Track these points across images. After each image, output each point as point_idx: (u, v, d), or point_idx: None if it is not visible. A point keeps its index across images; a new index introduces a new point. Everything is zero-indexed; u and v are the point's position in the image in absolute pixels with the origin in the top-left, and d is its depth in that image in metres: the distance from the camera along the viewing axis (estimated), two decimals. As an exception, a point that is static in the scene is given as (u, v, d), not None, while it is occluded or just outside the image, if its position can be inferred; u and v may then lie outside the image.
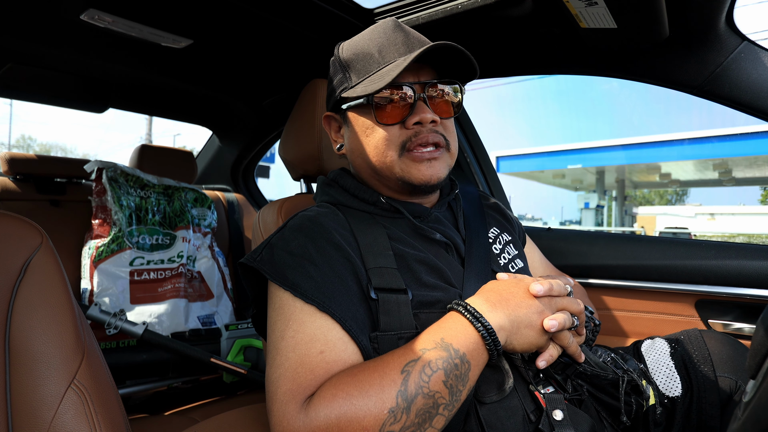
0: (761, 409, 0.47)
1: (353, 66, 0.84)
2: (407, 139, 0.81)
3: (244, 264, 0.77)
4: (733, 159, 12.88)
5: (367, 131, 0.84)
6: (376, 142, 0.82)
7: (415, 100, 0.81)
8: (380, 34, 0.84)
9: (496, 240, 0.95)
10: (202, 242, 1.84)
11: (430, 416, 0.60)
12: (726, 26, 1.06)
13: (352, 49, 0.86)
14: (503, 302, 0.69)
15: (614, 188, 18.86)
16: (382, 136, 0.82)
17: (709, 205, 23.78)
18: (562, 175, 16.73)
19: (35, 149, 41.64)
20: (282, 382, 0.65)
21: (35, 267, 0.60)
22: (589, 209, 16.33)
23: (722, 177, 16.16)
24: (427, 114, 0.80)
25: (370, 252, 0.77)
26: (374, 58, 0.82)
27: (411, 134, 0.81)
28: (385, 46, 0.83)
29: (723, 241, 1.36)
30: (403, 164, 0.82)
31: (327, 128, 0.95)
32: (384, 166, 0.83)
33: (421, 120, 0.80)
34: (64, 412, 0.55)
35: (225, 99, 2.02)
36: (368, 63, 0.83)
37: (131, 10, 1.22)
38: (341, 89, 0.86)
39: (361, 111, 0.84)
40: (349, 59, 0.85)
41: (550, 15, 1.14)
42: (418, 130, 0.81)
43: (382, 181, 0.87)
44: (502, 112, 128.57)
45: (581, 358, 0.76)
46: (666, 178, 17.66)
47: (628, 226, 18.68)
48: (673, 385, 0.88)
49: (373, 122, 0.82)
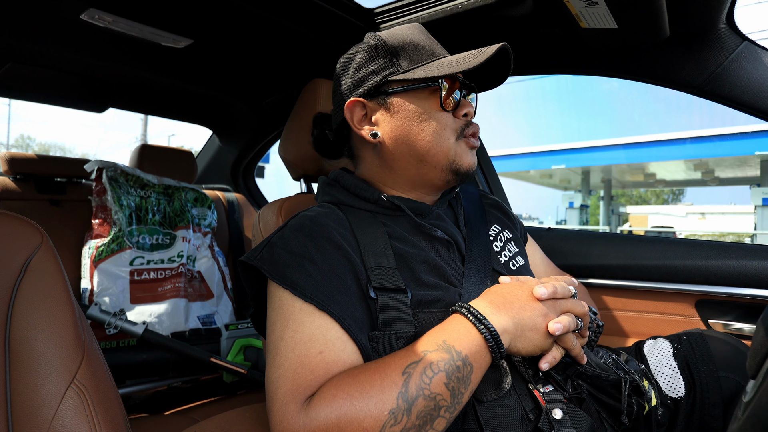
0: (761, 409, 0.47)
1: (403, 52, 0.85)
2: (464, 126, 0.86)
3: (244, 262, 0.77)
4: (713, 159, 13.09)
5: (423, 116, 0.84)
6: (435, 127, 0.84)
7: (461, 94, 0.86)
8: (417, 32, 0.88)
9: (496, 238, 0.95)
10: (202, 242, 1.84)
11: (431, 418, 0.60)
12: (726, 26, 1.06)
13: (398, 37, 0.87)
14: (507, 305, 0.69)
15: (601, 188, 19.06)
16: (442, 121, 0.85)
17: (700, 205, 23.95)
18: (549, 175, 16.92)
19: (34, 149, 41.66)
20: (282, 383, 0.64)
21: (35, 267, 0.60)
22: (573, 208, 16.49)
23: (705, 177, 16.39)
24: (472, 109, 0.88)
25: (370, 251, 0.77)
26: (425, 49, 0.86)
27: (464, 123, 0.87)
28: (428, 42, 0.88)
29: (723, 241, 1.36)
30: (458, 148, 0.86)
31: (348, 116, 0.89)
32: (440, 149, 0.85)
33: (468, 113, 0.87)
34: (64, 412, 0.55)
35: (225, 99, 2.02)
36: (420, 52, 0.86)
37: (131, 10, 1.22)
38: (387, 73, 0.84)
39: (415, 96, 0.84)
40: (397, 45, 0.86)
41: (550, 15, 1.14)
42: (469, 122, 0.87)
43: (423, 168, 0.86)
44: (502, 112, 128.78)
45: (583, 360, 0.76)
46: (651, 178, 17.83)
47: (615, 225, 18.85)
48: (677, 386, 0.88)
49: (433, 107, 0.84)
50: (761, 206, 11.58)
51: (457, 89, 0.86)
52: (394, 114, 0.85)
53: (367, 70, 0.86)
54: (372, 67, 0.86)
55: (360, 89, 0.87)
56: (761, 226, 11.55)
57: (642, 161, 13.74)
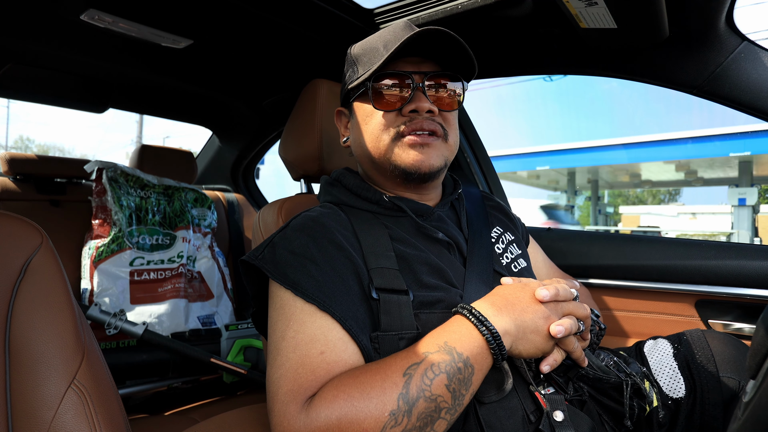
0: (761, 409, 0.47)
1: (360, 59, 0.88)
2: (402, 125, 0.83)
3: (246, 262, 0.77)
4: (694, 160, 13.31)
5: (366, 119, 0.87)
6: (373, 128, 0.85)
7: (413, 89, 0.83)
8: (389, 32, 0.88)
9: (498, 240, 0.95)
10: (202, 242, 1.84)
11: (431, 420, 0.60)
12: (726, 26, 1.06)
13: (361, 46, 0.91)
14: (509, 307, 0.69)
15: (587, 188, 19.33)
16: (379, 122, 0.84)
17: (691, 205, 24.18)
18: (536, 176, 17.12)
19: (33, 150, 41.66)
20: (283, 383, 0.64)
21: (35, 267, 0.60)
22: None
23: (688, 177, 16.62)
24: (424, 103, 0.82)
25: (372, 252, 0.77)
26: (379, 51, 0.85)
27: (406, 120, 0.83)
28: (390, 41, 0.85)
29: (723, 241, 1.36)
30: (397, 148, 0.83)
31: (338, 124, 0.99)
32: (379, 152, 0.85)
33: (417, 108, 0.82)
34: (64, 413, 0.55)
35: (225, 99, 2.02)
36: (374, 56, 0.86)
37: (131, 10, 1.22)
38: (349, 82, 0.90)
39: (364, 99, 0.88)
40: (357, 54, 0.90)
41: (550, 15, 1.14)
42: (413, 117, 0.83)
43: (379, 171, 0.88)
44: (502, 112, 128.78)
45: (584, 363, 0.76)
46: (637, 178, 18.00)
47: (602, 225, 19.09)
48: (677, 387, 0.88)
49: (372, 108, 0.85)
50: (737, 206, 11.75)
51: (406, 85, 0.82)
52: (353, 120, 0.91)
53: (344, 80, 0.94)
54: (345, 76, 0.93)
55: (341, 98, 0.96)
56: (737, 226, 11.76)
57: (623, 162, 14.02)
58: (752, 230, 11.66)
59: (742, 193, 11.71)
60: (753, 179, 13.07)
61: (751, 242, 9.47)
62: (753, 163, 12.53)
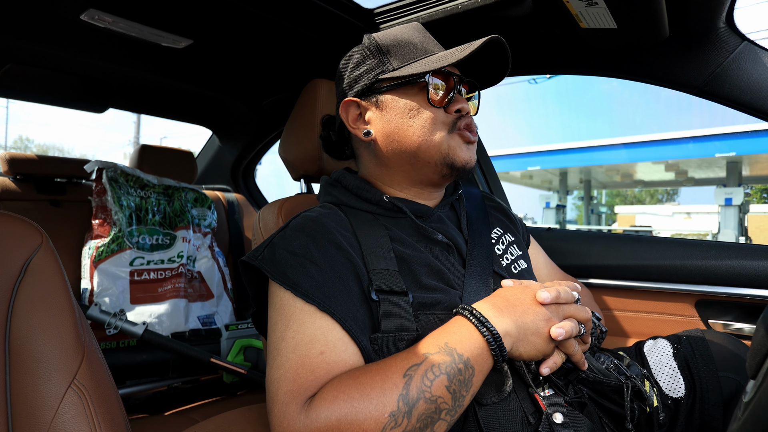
0: (761, 409, 0.47)
1: (394, 51, 0.86)
2: (456, 120, 0.85)
3: (245, 262, 0.77)
4: (683, 161, 13.47)
5: (411, 112, 0.84)
6: (424, 122, 0.84)
7: (455, 90, 0.85)
8: (413, 30, 0.88)
9: (499, 241, 0.94)
10: (202, 242, 1.84)
11: (431, 421, 0.60)
12: (726, 26, 1.06)
13: (390, 37, 0.88)
14: (510, 308, 0.69)
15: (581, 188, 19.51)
16: (431, 116, 0.84)
17: (686, 205, 24.33)
18: (529, 176, 17.21)
19: (33, 150, 41.69)
20: (282, 383, 0.64)
21: (35, 267, 0.60)
22: (549, 208, 16.75)
23: (678, 178, 16.76)
24: (467, 105, 0.86)
25: (372, 253, 0.77)
26: (417, 47, 0.86)
27: (456, 117, 0.86)
28: (423, 40, 0.87)
29: (723, 241, 1.36)
30: (451, 141, 0.85)
31: (344, 116, 0.91)
32: (431, 144, 0.84)
33: (461, 109, 0.85)
34: (64, 412, 0.55)
35: (225, 99, 2.02)
36: (411, 50, 0.86)
37: (131, 10, 1.22)
38: (378, 72, 0.86)
39: (405, 93, 0.85)
40: (389, 44, 0.87)
41: (550, 15, 1.14)
42: (460, 117, 0.86)
43: (416, 166, 0.86)
44: (502, 112, 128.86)
45: (584, 366, 0.76)
46: (629, 178, 18.08)
47: (595, 224, 19.22)
48: (677, 386, 0.88)
49: (421, 103, 0.84)
50: (723, 206, 11.87)
51: (451, 86, 0.85)
52: (384, 112, 0.86)
53: (361, 70, 0.88)
54: (365, 66, 0.88)
55: (354, 89, 0.89)
56: (724, 225, 11.95)
57: (613, 162, 14.22)
58: (738, 230, 11.81)
59: (729, 193, 11.85)
60: (741, 179, 13.26)
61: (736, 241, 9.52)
62: (742, 163, 12.72)
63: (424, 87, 0.83)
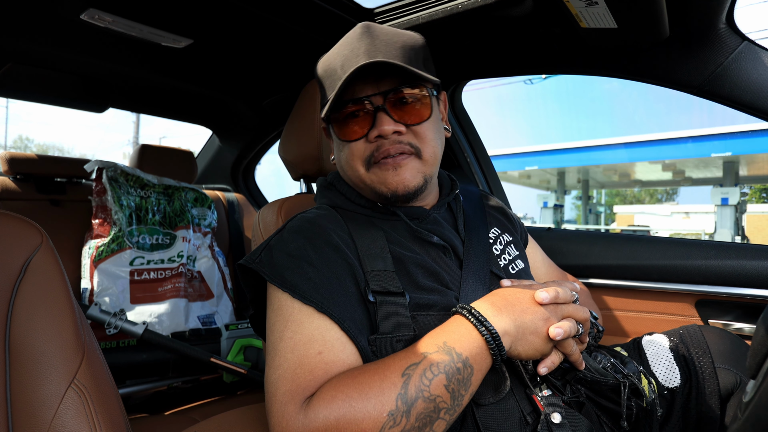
0: (761, 408, 0.47)
1: (324, 83, 0.86)
2: (371, 153, 0.81)
3: (243, 265, 0.77)
4: (680, 161, 13.55)
5: (339, 146, 0.87)
6: (346, 158, 0.85)
7: (375, 111, 0.79)
8: (347, 45, 0.82)
9: (496, 241, 0.94)
10: (202, 242, 1.84)
11: (430, 420, 0.60)
12: (726, 26, 1.06)
13: (323, 65, 0.86)
14: (509, 307, 0.69)
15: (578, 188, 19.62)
16: (349, 152, 0.83)
17: (685, 204, 24.43)
18: (527, 175, 17.28)
19: (33, 150, 41.69)
20: (281, 383, 0.64)
21: (35, 267, 0.60)
22: (547, 208, 16.82)
23: (676, 177, 16.78)
24: (387, 126, 0.78)
25: (368, 255, 0.77)
26: (337, 73, 0.81)
27: (374, 148, 0.81)
28: (348, 59, 0.79)
29: (723, 241, 1.36)
30: (372, 176, 0.82)
31: (327, 139, 0.97)
32: (357, 179, 0.85)
33: (381, 133, 0.79)
34: (64, 412, 0.55)
35: (225, 99, 2.02)
36: (333, 80, 0.82)
37: (131, 10, 1.22)
38: (324, 103, 0.85)
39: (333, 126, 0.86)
40: (321, 76, 0.86)
41: (550, 15, 1.14)
42: (380, 143, 0.80)
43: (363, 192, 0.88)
44: (502, 112, 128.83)
45: (582, 366, 0.76)
46: (626, 178, 18.12)
47: (593, 224, 19.29)
48: (672, 376, 0.88)
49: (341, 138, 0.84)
50: (720, 206, 11.93)
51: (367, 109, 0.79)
52: (332, 142, 0.90)
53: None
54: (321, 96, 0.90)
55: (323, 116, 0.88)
56: (720, 225, 12.07)
57: (610, 162, 14.32)
58: (734, 229, 11.92)
59: (725, 192, 11.93)
60: (738, 179, 13.35)
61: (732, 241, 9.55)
62: (738, 163, 12.81)
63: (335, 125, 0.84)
